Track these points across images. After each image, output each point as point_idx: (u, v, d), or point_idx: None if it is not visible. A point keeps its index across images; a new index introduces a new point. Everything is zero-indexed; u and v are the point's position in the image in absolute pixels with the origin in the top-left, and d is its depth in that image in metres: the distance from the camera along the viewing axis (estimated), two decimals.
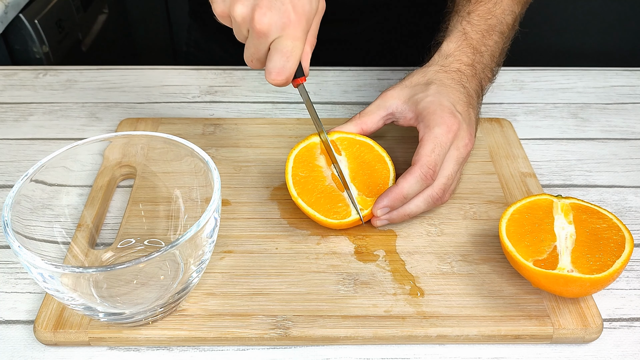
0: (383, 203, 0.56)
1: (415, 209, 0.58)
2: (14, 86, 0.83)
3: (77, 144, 0.53)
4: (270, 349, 0.50)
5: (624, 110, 0.79)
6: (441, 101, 0.59)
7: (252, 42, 0.53)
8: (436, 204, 0.59)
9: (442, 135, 0.57)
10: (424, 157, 0.56)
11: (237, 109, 0.79)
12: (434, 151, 0.56)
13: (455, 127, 0.58)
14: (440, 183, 0.58)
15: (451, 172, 0.58)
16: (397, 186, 0.56)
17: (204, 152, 0.52)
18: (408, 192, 0.56)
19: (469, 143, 0.59)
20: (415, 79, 0.63)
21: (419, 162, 0.56)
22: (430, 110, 0.59)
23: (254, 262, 0.56)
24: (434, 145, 0.57)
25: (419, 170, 0.56)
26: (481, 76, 0.65)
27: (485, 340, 0.50)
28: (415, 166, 0.56)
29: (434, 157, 0.56)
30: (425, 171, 0.56)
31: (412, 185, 0.56)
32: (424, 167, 0.56)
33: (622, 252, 0.49)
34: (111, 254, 0.56)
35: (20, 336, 0.51)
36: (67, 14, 1.31)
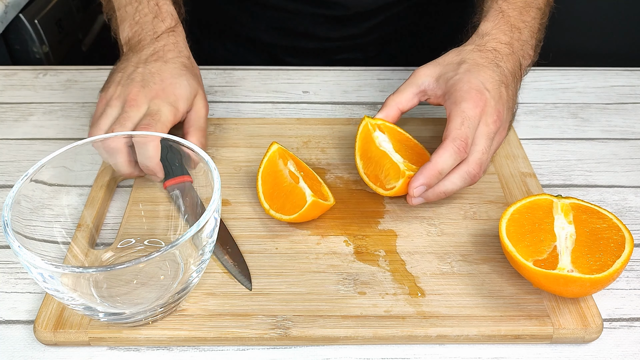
0: (419, 181, 0.56)
1: (451, 186, 0.57)
2: (14, 86, 0.83)
3: (77, 144, 0.53)
4: (270, 349, 0.50)
5: (624, 110, 0.79)
6: (470, 79, 0.59)
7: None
8: (472, 180, 0.58)
9: (469, 109, 0.57)
10: (454, 130, 0.56)
11: (237, 109, 0.79)
12: (464, 124, 0.56)
13: (481, 103, 0.57)
14: (475, 159, 0.57)
15: (484, 147, 0.57)
16: (431, 162, 0.56)
17: (204, 152, 0.52)
18: (443, 167, 0.56)
19: (497, 120, 0.58)
20: (449, 58, 0.63)
21: (450, 135, 0.56)
22: (457, 87, 0.59)
23: (254, 262, 0.56)
24: (462, 119, 0.57)
25: (451, 144, 0.56)
26: (520, 54, 0.64)
27: (485, 340, 0.50)
28: (446, 140, 0.56)
29: (464, 130, 0.56)
30: (458, 144, 0.56)
31: (446, 159, 0.56)
32: (456, 141, 0.56)
33: (622, 252, 0.49)
34: (111, 254, 0.56)
35: (20, 336, 0.51)
36: (67, 14, 1.31)
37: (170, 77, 0.62)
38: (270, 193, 0.59)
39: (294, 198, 0.58)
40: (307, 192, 0.57)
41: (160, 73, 0.62)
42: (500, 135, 0.61)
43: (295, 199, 0.57)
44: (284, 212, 0.58)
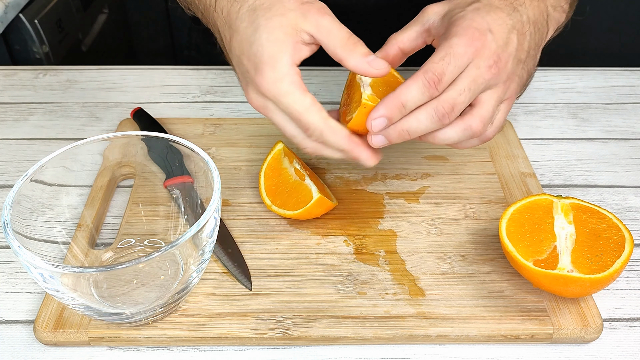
0: (379, 112, 0.49)
1: (416, 123, 0.50)
2: (14, 86, 0.83)
3: (77, 144, 0.53)
4: (270, 349, 0.50)
5: (624, 110, 0.79)
6: (473, 17, 0.51)
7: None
8: (441, 122, 0.50)
9: (458, 45, 0.49)
10: (430, 63, 0.49)
11: (237, 109, 0.79)
12: (444, 59, 0.49)
13: (477, 42, 0.50)
14: (449, 97, 0.49)
15: (463, 87, 0.50)
16: (394, 92, 0.49)
17: (204, 152, 0.52)
18: (407, 99, 0.49)
19: (493, 66, 0.50)
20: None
21: (424, 67, 0.49)
22: (456, 24, 0.51)
23: (254, 262, 0.56)
24: (445, 54, 0.49)
25: (421, 76, 0.49)
26: (550, 2, 0.57)
27: (485, 340, 0.50)
28: (418, 71, 0.49)
29: (441, 65, 0.49)
30: (430, 77, 0.48)
31: (411, 90, 0.49)
32: (427, 73, 0.49)
33: (622, 252, 0.49)
34: (111, 254, 0.56)
35: (20, 336, 0.51)
36: (67, 14, 1.31)
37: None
38: (273, 190, 0.59)
39: (298, 194, 0.58)
40: (313, 189, 0.57)
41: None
42: (502, 89, 0.52)
43: (300, 195, 0.58)
44: (287, 208, 0.58)
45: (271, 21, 0.50)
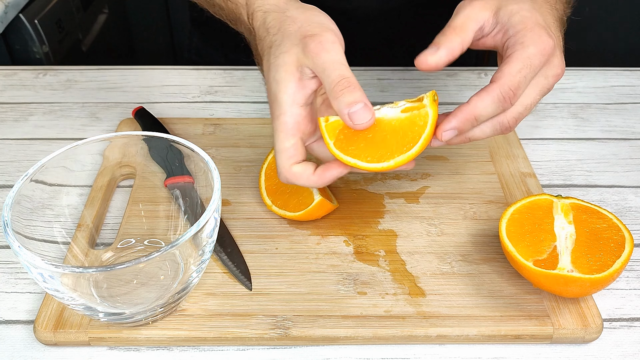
0: (451, 124, 0.49)
1: (480, 134, 0.51)
2: (14, 86, 0.83)
3: (77, 144, 0.53)
4: (270, 349, 0.50)
5: (624, 110, 0.79)
6: (537, 18, 0.50)
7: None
8: (502, 133, 0.52)
9: (535, 56, 0.49)
10: (508, 76, 0.48)
11: (237, 109, 0.79)
12: (521, 72, 0.48)
13: (549, 50, 0.49)
14: (516, 111, 0.50)
15: (532, 101, 0.50)
16: (469, 105, 0.49)
17: (204, 152, 0.52)
18: (481, 114, 0.49)
19: (560, 73, 0.51)
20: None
21: (501, 80, 0.48)
22: (528, 27, 0.49)
23: (254, 262, 0.56)
24: (522, 66, 0.48)
25: (498, 90, 0.48)
26: (562, 4, 0.57)
27: (485, 340, 0.50)
28: (494, 84, 0.48)
29: (518, 79, 0.48)
30: (506, 92, 0.48)
31: (487, 105, 0.48)
32: (504, 87, 0.48)
33: (622, 252, 0.49)
34: (111, 254, 0.56)
35: (20, 336, 0.51)
36: (67, 14, 1.31)
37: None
38: (274, 190, 0.59)
39: (299, 196, 0.58)
40: (314, 191, 0.57)
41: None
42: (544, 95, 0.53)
43: (301, 196, 0.58)
44: (288, 209, 0.58)
45: (278, 59, 0.50)
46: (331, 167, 0.51)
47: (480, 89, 0.50)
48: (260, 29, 0.53)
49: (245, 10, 0.55)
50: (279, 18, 0.52)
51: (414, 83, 0.83)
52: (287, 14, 0.52)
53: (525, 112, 0.51)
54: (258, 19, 0.53)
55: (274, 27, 0.52)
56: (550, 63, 0.51)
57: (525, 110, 0.51)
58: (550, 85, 0.51)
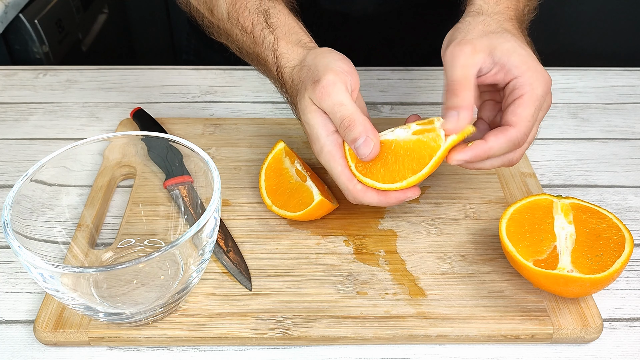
0: (465, 156, 0.52)
1: (489, 166, 0.54)
2: (14, 86, 0.83)
3: (77, 144, 0.53)
4: (270, 349, 0.50)
5: (624, 110, 0.79)
6: (531, 55, 0.54)
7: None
8: (510, 165, 0.55)
9: (542, 97, 0.52)
10: (525, 121, 0.52)
11: (237, 109, 0.79)
12: (534, 116, 0.52)
13: (549, 87, 0.53)
14: (523, 149, 0.54)
15: (534, 134, 0.54)
16: (485, 143, 0.52)
17: (204, 152, 0.52)
18: (494, 153, 0.52)
19: (550, 104, 0.55)
20: (480, 27, 0.56)
21: (519, 125, 0.52)
22: (530, 67, 0.53)
23: (254, 262, 0.56)
24: (535, 109, 0.52)
25: (516, 134, 0.52)
26: (523, 26, 0.61)
27: (485, 340, 0.50)
28: (512, 129, 0.52)
29: (532, 123, 0.52)
30: (521, 137, 0.52)
31: (501, 146, 0.52)
32: (521, 132, 0.52)
33: (622, 252, 0.49)
34: (111, 254, 0.56)
35: (20, 336, 0.51)
36: (67, 14, 1.31)
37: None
38: (274, 190, 0.59)
39: (299, 196, 0.58)
40: (314, 191, 0.57)
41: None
42: (544, 110, 0.56)
43: (301, 196, 0.58)
44: (288, 209, 0.58)
45: (301, 104, 0.56)
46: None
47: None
48: (288, 82, 0.59)
49: (274, 67, 0.60)
50: (299, 69, 0.57)
51: (414, 83, 0.84)
52: (304, 63, 0.57)
53: (528, 145, 0.55)
54: (286, 74, 0.59)
55: (297, 79, 0.57)
56: (548, 97, 0.54)
57: (528, 144, 0.55)
58: (544, 114, 0.55)
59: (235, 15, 0.62)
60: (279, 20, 0.60)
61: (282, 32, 0.59)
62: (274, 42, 0.59)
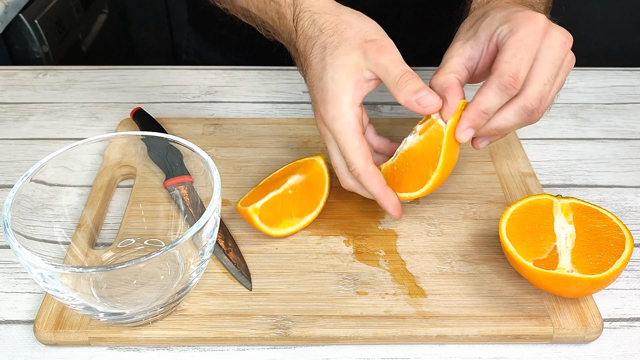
0: (463, 125, 0.51)
1: (504, 122, 0.51)
2: (14, 86, 0.83)
3: (77, 144, 0.53)
4: (270, 349, 0.50)
5: (624, 110, 0.79)
6: (513, 9, 0.51)
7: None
8: (531, 118, 0.51)
9: (527, 36, 0.49)
10: (502, 63, 0.49)
11: (237, 109, 0.79)
12: (516, 56, 0.48)
13: (542, 25, 0.49)
14: (535, 91, 0.49)
15: (547, 76, 0.49)
16: (473, 102, 0.50)
17: (204, 152, 0.52)
18: (487, 107, 0.50)
19: (566, 41, 0.50)
20: (469, 24, 0.55)
21: (497, 70, 0.49)
22: (510, 18, 0.50)
23: (254, 262, 0.56)
24: (516, 50, 0.49)
25: (496, 81, 0.49)
26: (532, 3, 0.58)
27: (485, 340, 0.50)
28: (492, 76, 0.49)
29: (515, 63, 0.48)
30: (505, 80, 0.49)
31: (489, 98, 0.50)
32: (502, 77, 0.49)
33: (622, 252, 0.49)
34: (111, 254, 0.56)
35: (20, 336, 0.51)
36: (67, 14, 1.31)
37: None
38: (268, 214, 0.58)
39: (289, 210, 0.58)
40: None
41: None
42: (565, 70, 0.52)
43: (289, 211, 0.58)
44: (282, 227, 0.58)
45: (337, 60, 0.52)
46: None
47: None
48: (310, 28, 0.54)
49: (291, 9, 0.56)
50: (333, 20, 0.54)
51: None
52: (342, 17, 0.54)
53: (545, 89, 0.50)
54: (306, 19, 0.55)
55: (329, 29, 0.54)
56: (550, 34, 0.50)
57: (544, 87, 0.50)
58: (559, 55, 0.50)
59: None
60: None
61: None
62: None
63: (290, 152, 0.69)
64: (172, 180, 0.59)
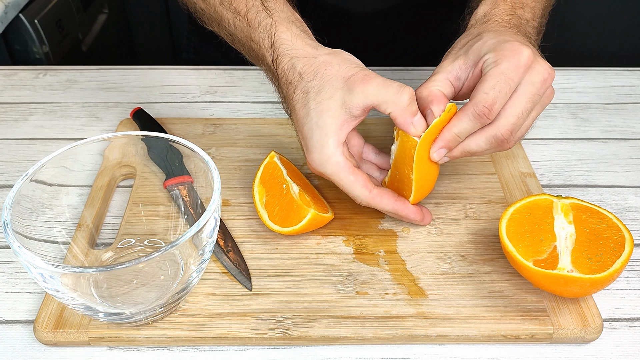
0: (437, 145, 0.54)
1: (476, 147, 0.54)
2: (14, 86, 0.83)
3: (77, 144, 0.53)
4: (270, 349, 0.50)
5: (624, 110, 0.79)
6: (504, 39, 0.53)
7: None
8: (501, 146, 0.54)
9: (509, 70, 0.51)
10: (480, 93, 0.51)
11: (237, 109, 0.79)
12: (494, 88, 0.51)
13: (526, 60, 0.51)
14: (507, 123, 0.52)
15: (522, 110, 0.52)
16: (447, 125, 0.53)
17: (204, 152, 0.52)
18: (460, 132, 0.53)
19: (547, 77, 0.52)
20: (463, 41, 0.57)
21: (474, 99, 0.51)
22: (497, 48, 0.52)
23: (254, 262, 0.56)
24: (496, 82, 0.51)
25: (471, 109, 0.51)
26: (526, 30, 0.59)
27: (485, 340, 0.50)
28: (469, 103, 0.52)
29: (492, 95, 0.51)
30: (480, 110, 0.51)
31: (463, 124, 0.52)
32: (478, 106, 0.51)
33: (622, 252, 0.49)
34: (111, 254, 0.56)
35: (20, 336, 0.51)
36: (67, 14, 1.31)
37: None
38: (268, 204, 0.58)
39: (291, 211, 0.57)
40: (307, 207, 0.56)
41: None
42: (543, 104, 0.54)
43: (293, 211, 0.57)
44: (281, 224, 0.57)
45: (321, 105, 0.53)
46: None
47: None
48: (290, 73, 0.55)
49: (269, 53, 0.57)
50: (312, 64, 0.54)
51: (414, 83, 0.83)
52: (320, 59, 0.55)
53: (518, 122, 0.52)
54: (285, 62, 0.56)
55: (309, 73, 0.54)
56: (532, 69, 0.52)
57: (517, 120, 0.52)
58: (538, 91, 0.52)
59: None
60: (276, 6, 0.58)
61: (280, 17, 0.57)
62: (272, 26, 0.57)
63: (290, 152, 0.69)
64: (172, 180, 0.59)
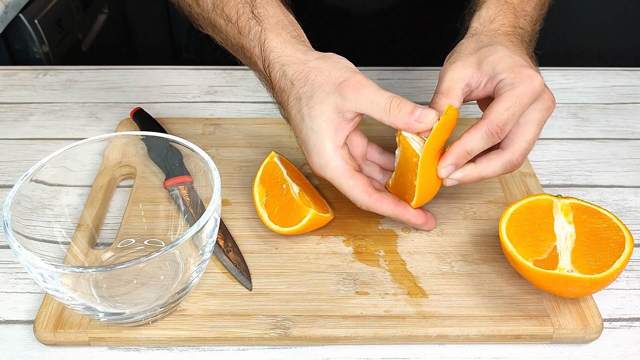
0: (447, 161, 0.53)
1: (492, 172, 0.55)
2: (14, 86, 0.83)
3: (77, 144, 0.53)
4: (270, 349, 0.50)
5: (624, 110, 0.79)
6: (519, 61, 0.54)
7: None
8: (513, 169, 0.55)
9: (524, 95, 0.52)
10: (495, 113, 0.52)
11: (237, 109, 0.79)
12: (509, 110, 0.52)
13: (538, 88, 0.53)
14: (521, 148, 0.54)
15: (532, 136, 0.54)
16: (460, 141, 0.53)
17: (204, 152, 0.52)
18: (472, 148, 0.53)
19: (551, 106, 0.55)
20: (473, 46, 0.58)
21: (488, 117, 0.52)
22: (515, 70, 0.54)
23: (254, 262, 0.56)
24: (511, 104, 0.52)
25: (485, 127, 0.52)
26: (525, 39, 0.61)
27: (485, 340, 0.50)
28: (483, 121, 0.53)
29: (506, 116, 0.52)
30: (493, 128, 0.52)
31: (476, 141, 0.53)
32: (492, 124, 0.52)
33: (622, 252, 0.49)
34: (111, 254, 0.56)
35: (20, 336, 0.51)
36: (67, 14, 1.31)
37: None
38: (267, 204, 0.58)
39: (290, 211, 0.57)
40: (307, 207, 0.56)
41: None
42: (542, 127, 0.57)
43: (293, 212, 0.57)
44: (281, 224, 0.57)
45: (313, 110, 0.53)
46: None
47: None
48: (282, 80, 0.56)
49: (260, 61, 0.57)
50: (302, 70, 0.54)
51: (414, 83, 0.84)
52: (310, 65, 0.54)
53: (529, 147, 0.55)
54: (276, 70, 0.56)
55: (299, 79, 0.54)
56: (541, 98, 0.54)
57: (528, 145, 0.55)
58: (544, 117, 0.55)
59: (220, 6, 0.60)
60: (266, 12, 0.58)
61: (270, 23, 0.57)
62: (261, 34, 0.57)
63: (290, 152, 0.69)
64: (172, 180, 0.59)
